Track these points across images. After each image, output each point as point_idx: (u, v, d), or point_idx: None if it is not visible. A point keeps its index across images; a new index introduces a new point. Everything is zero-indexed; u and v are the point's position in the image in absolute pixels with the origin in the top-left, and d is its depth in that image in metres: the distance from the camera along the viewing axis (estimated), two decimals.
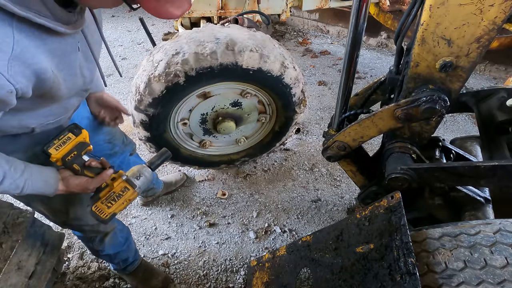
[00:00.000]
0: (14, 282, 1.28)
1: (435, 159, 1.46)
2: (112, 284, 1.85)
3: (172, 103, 1.75)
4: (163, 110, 1.74)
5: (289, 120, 2.13)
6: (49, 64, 0.82)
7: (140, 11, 0.88)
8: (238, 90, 1.91)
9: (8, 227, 1.34)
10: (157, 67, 1.63)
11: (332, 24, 4.57)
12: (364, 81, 3.62)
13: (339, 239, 1.31)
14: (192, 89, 1.74)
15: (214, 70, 1.63)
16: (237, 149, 2.27)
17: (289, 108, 2.02)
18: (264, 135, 2.25)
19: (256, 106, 2.07)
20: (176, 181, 2.39)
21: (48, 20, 0.76)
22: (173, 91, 1.66)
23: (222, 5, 2.56)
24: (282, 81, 1.79)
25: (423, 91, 1.18)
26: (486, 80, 3.66)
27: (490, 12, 0.95)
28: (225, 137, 2.15)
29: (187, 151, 2.11)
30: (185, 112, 1.90)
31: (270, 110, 2.13)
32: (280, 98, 1.93)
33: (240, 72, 1.67)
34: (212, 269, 1.94)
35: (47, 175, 1.01)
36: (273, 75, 1.74)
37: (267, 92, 1.93)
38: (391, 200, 1.16)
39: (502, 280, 0.87)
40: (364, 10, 1.18)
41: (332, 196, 2.36)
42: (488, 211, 1.29)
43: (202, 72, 1.62)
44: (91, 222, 1.36)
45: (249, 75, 1.70)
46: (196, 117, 1.96)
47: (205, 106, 1.92)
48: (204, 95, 1.85)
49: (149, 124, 1.77)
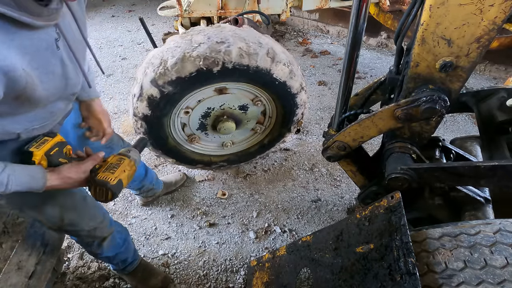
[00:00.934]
0: (14, 282, 1.28)
1: (435, 159, 1.46)
2: (112, 284, 1.85)
3: (192, 88, 1.70)
4: (179, 92, 1.68)
5: (279, 137, 2.21)
6: (19, 61, 0.74)
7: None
8: (252, 95, 1.95)
9: (8, 227, 1.34)
10: (196, 47, 1.59)
11: (332, 24, 4.57)
12: (364, 81, 3.62)
13: (339, 239, 1.31)
14: (218, 81, 1.72)
15: (249, 70, 1.66)
16: (220, 152, 2.26)
17: (286, 125, 2.11)
18: (251, 145, 2.28)
19: (258, 115, 2.10)
20: (176, 181, 2.38)
21: (11, 9, 0.68)
22: (201, 76, 1.62)
23: (222, 5, 2.56)
24: (295, 99, 1.92)
25: (423, 91, 1.18)
26: (486, 80, 3.66)
27: (490, 12, 0.95)
28: (215, 137, 2.14)
29: (173, 142, 2.04)
30: (193, 101, 1.87)
31: (269, 122, 2.18)
32: (285, 114, 2.03)
33: (268, 79, 1.74)
34: (212, 269, 1.94)
35: (32, 170, 0.95)
36: (291, 92, 1.86)
37: (276, 105, 2.01)
38: (391, 200, 1.16)
39: (502, 280, 0.87)
40: (364, 10, 1.18)
41: (332, 196, 2.36)
42: (488, 211, 1.29)
43: (238, 68, 1.63)
44: (87, 228, 1.33)
45: (274, 85, 1.79)
46: (201, 109, 1.93)
47: (215, 101, 1.91)
48: (221, 90, 1.85)
49: (157, 102, 1.68)
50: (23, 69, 0.76)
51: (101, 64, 1.08)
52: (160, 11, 2.78)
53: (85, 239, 1.41)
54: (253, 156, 2.32)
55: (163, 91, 1.65)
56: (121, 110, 3.20)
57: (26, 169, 0.93)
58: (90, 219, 1.34)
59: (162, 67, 1.61)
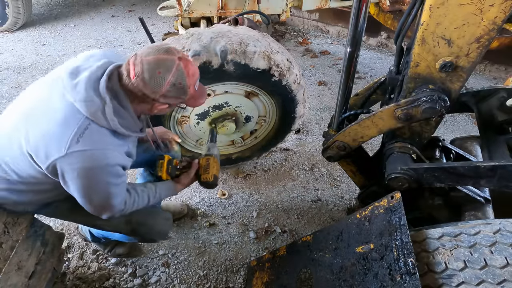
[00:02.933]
0: (14, 282, 1.28)
1: (435, 159, 1.46)
2: (112, 284, 1.85)
3: (242, 78, 1.79)
4: (234, 72, 1.72)
5: (247, 158, 2.37)
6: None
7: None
8: (262, 112, 2.12)
9: (8, 227, 1.34)
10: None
11: (332, 24, 4.57)
12: (364, 81, 3.62)
13: (339, 239, 1.31)
14: (255, 82, 1.85)
15: (281, 83, 1.83)
16: (191, 147, 2.26)
17: (274, 142, 2.30)
18: (225, 153, 2.32)
19: (250, 128, 2.19)
20: (174, 212, 2.15)
21: (138, 132, 1.28)
22: (254, 73, 1.74)
23: (222, 5, 2.55)
24: (295, 112, 2.06)
25: (423, 91, 1.18)
26: (486, 80, 3.65)
27: (490, 12, 0.95)
28: (201, 129, 2.09)
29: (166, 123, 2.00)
30: (222, 89, 1.90)
31: (250, 142, 2.32)
32: (282, 127, 2.19)
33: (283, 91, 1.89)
34: (212, 269, 1.94)
35: (167, 184, 1.55)
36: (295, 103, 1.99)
37: (279, 119, 2.15)
38: (391, 200, 1.16)
39: (502, 280, 0.87)
40: (364, 10, 1.18)
41: (332, 196, 2.36)
42: (488, 211, 1.29)
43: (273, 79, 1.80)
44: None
45: (288, 94, 1.92)
46: (219, 100, 1.95)
47: (238, 100, 1.98)
48: (250, 93, 1.95)
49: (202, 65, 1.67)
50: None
51: None
52: (160, 11, 2.78)
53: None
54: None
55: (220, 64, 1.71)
56: None
57: (164, 185, 1.54)
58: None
59: (242, 45, 1.69)
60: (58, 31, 4.73)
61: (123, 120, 1.17)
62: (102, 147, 1.13)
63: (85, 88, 1.10)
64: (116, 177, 1.21)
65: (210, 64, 1.63)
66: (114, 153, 1.17)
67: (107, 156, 1.14)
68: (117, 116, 1.14)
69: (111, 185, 1.20)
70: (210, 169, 1.56)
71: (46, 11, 5.34)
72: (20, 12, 4.52)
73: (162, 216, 1.63)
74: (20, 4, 4.46)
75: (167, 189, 1.53)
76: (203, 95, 1.33)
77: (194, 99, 1.27)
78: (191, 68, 1.16)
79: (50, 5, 5.54)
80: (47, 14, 5.26)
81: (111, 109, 1.12)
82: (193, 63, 1.19)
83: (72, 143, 1.07)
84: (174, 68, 1.10)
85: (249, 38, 1.72)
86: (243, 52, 1.65)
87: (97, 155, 1.12)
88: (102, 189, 1.19)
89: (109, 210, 1.27)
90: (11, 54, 4.16)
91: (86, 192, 1.18)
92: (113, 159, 1.17)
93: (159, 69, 1.09)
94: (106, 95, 1.11)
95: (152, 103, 1.18)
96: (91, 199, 1.21)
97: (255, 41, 1.72)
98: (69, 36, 4.61)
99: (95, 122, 1.11)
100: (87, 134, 1.10)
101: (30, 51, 4.21)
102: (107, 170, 1.16)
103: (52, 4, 5.58)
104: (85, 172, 1.12)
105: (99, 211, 1.27)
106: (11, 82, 3.63)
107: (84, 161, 1.10)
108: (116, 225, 1.51)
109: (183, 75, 1.13)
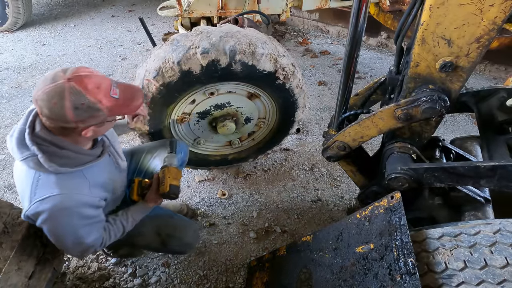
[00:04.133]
0: (14, 282, 1.28)
1: (435, 159, 1.46)
2: (112, 284, 1.85)
3: (248, 79, 1.80)
4: (241, 72, 1.73)
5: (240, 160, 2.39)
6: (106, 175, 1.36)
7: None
8: (262, 114, 2.14)
9: (8, 227, 1.34)
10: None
11: (332, 24, 4.57)
12: (364, 81, 3.62)
13: (339, 239, 1.31)
14: (259, 84, 1.85)
15: (285, 86, 1.87)
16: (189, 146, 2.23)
17: (271, 145, 2.31)
18: (213, 153, 2.32)
19: (249, 130, 2.20)
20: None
21: (93, 160, 1.26)
22: (258, 76, 1.77)
23: (222, 5, 2.55)
24: (295, 116, 2.08)
25: (423, 91, 1.18)
26: (486, 80, 3.66)
27: (490, 12, 0.95)
28: (200, 128, 2.08)
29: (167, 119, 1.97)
30: (225, 89, 1.90)
31: (246, 144, 2.32)
32: (280, 130, 2.21)
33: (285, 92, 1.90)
34: (212, 269, 1.94)
35: (138, 206, 1.54)
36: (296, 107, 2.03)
37: (278, 122, 2.16)
38: (391, 200, 1.16)
39: (502, 280, 0.87)
40: (364, 10, 1.18)
41: (332, 196, 2.36)
42: (488, 211, 1.29)
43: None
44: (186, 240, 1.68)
45: (290, 98, 1.94)
46: (221, 99, 1.96)
47: (240, 101, 1.99)
48: (252, 95, 1.97)
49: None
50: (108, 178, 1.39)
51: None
52: (160, 11, 2.77)
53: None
54: (209, 165, 2.37)
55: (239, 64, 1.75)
56: None
57: (136, 207, 1.53)
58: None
59: (249, 46, 1.71)
60: (58, 31, 4.74)
61: (65, 159, 1.16)
62: (58, 193, 1.15)
63: (17, 146, 1.14)
64: (82, 218, 1.22)
65: (218, 63, 1.64)
66: (74, 196, 1.18)
67: (63, 200, 1.16)
68: (56, 159, 1.14)
69: (79, 226, 1.22)
70: (166, 180, 1.54)
71: (46, 11, 5.34)
72: (20, 12, 4.52)
73: (190, 228, 1.70)
74: (20, 4, 4.46)
75: (139, 210, 1.53)
76: (132, 98, 1.23)
77: (120, 108, 1.18)
78: (88, 82, 1.07)
79: (50, 5, 5.54)
80: (47, 14, 5.26)
81: (44, 158, 1.11)
82: (91, 76, 1.10)
83: (32, 197, 1.15)
84: (66, 92, 1.03)
85: (257, 40, 1.73)
86: (251, 53, 1.66)
87: (54, 202, 1.14)
88: (69, 232, 1.22)
89: (86, 250, 1.30)
90: (11, 54, 4.16)
91: (56, 237, 1.24)
92: (73, 202, 1.18)
93: (53, 99, 1.04)
94: (33, 146, 1.11)
95: (78, 131, 1.14)
96: (63, 242, 1.26)
97: (263, 43, 1.73)
98: (69, 36, 4.61)
99: (42, 172, 1.15)
100: (40, 186, 1.15)
101: (30, 51, 4.22)
102: (69, 213, 1.18)
103: (52, 4, 5.58)
104: (49, 219, 1.17)
105: (77, 253, 1.31)
106: (11, 82, 3.63)
107: (45, 209, 1.14)
108: (148, 241, 1.61)
109: (80, 94, 1.05)
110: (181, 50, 1.63)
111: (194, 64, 1.61)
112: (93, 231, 1.28)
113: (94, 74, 1.11)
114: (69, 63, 3.96)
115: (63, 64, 3.95)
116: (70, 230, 1.22)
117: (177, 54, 1.63)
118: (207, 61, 1.61)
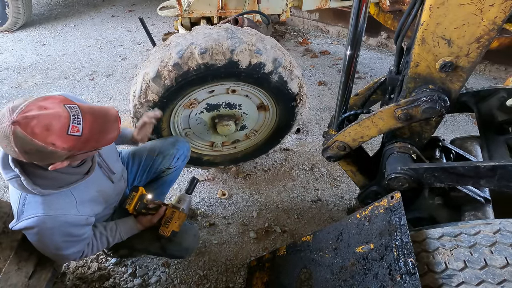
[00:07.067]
0: (14, 282, 1.28)
1: (435, 159, 1.46)
2: (112, 284, 1.85)
3: (273, 91, 1.86)
4: (275, 83, 1.80)
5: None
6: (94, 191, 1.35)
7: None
8: (257, 127, 2.19)
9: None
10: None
11: (332, 24, 4.56)
12: (364, 81, 3.62)
13: (339, 239, 1.31)
14: (277, 100, 1.92)
15: (294, 109, 1.99)
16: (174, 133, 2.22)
17: (252, 157, 2.37)
18: (198, 151, 2.28)
19: (237, 137, 2.22)
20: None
21: (80, 179, 1.24)
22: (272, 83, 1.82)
23: (222, 5, 2.55)
24: (282, 139, 2.15)
25: (423, 91, 1.18)
26: (486, 80, 3.65)
27: (490, 12, 0.95)
28: (197, 119, 2.04)
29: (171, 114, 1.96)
30: (246, 91, 1.93)
31: (233, 148, 2.32)
32: (267, 145, 2.26)
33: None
34: (212, 269, 1.94)
35: (129, 224, 1.55)
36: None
37: (263, 141, 2.24)
38: (391, 200, 1.16)
39: (502, 280, 0.87)
40: (364, 10, 1.18)
41: (332, 196, 2.36)
42: (488, 211, 1.29)
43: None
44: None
45: (292, 120, 2.05)
46: (235, 100, 1.98)
47: (249, 108, 2.02)
48: (263, 106, 2.04)
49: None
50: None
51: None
52: (160, 11, 2.77)
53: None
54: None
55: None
56: (121, 110, 3.20)
57: (126, 223, 1.54)
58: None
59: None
60: (58, 31, 4.74)
61: (50, 180, 1.16)
62: (43, 214, 1.16)
63: (2, 166, 1.14)
64: (65, 236, 1.24)
65: (264, 67, 1.71)
66: (58, 218, 1.19)
67: (48, 221, 1.17)
68: (40, 180, 1.13)
69: (61, 242, 1.25)
70: (171, 224, 1.53)
71: (46, 11, 5.34)
72: (20, 12, 4.52)
73: (190, 232, 1.70)
74: (20, 4, 4.46)
75: (128, 231, 1.53)
76: (103, 131, 1.08)
77: (85, 144, 1.05)
78: (35, 125, 0.94)
79: (50, 5, 5.55)
80: (47, 14, 5.26)
81: (27, 181, 1.10)
82: (40, 116, 0.95)
83: (19, 215, 1.18)
84: (11, 137, 0.94)
85: (295, 62, 1.88)
86: (290, 72, 1.80)
87: (39, 223, 1.17)
88: (51, 246, 1.27)
89: (66, 260, 1.38)
90: (11, 54, 4.17)
91: (38, 248, 1.30)
92: (57, 223, 1.19)
93: (2, 142, 0.97)
94: (16, 168, 1.10)
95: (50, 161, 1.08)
96: (45, 252, 1.33)
97: (298, 67, 1.89)
98: (69, 36, 4.61)
99: (28, 193, 1.16)
100: (27, 206, 1.17)
101: (30, 51, 4.22)
102: (52, 232, 1.21)
103: (52, 4, 5.58)
104: (34, 235, 1.21)
105: (58, 261, 1.41)
106: (11, 82, 3.63)
107: (30, 227, 1.18)
108: (147, 245, 1.65)
109: (26, 139, 0.94)
110: (238, 43, 1.68)
111: (244, 59, 1.67)
112: (75, 246, 1.31)
113: (44, 113, 0.96)
114: (69, 63, 3.96)
115: (63, 64, 3.95)
116: (52, 245, 1.26)
117: (233, 44, 1.67)
118: (256, 61, 1.69)
